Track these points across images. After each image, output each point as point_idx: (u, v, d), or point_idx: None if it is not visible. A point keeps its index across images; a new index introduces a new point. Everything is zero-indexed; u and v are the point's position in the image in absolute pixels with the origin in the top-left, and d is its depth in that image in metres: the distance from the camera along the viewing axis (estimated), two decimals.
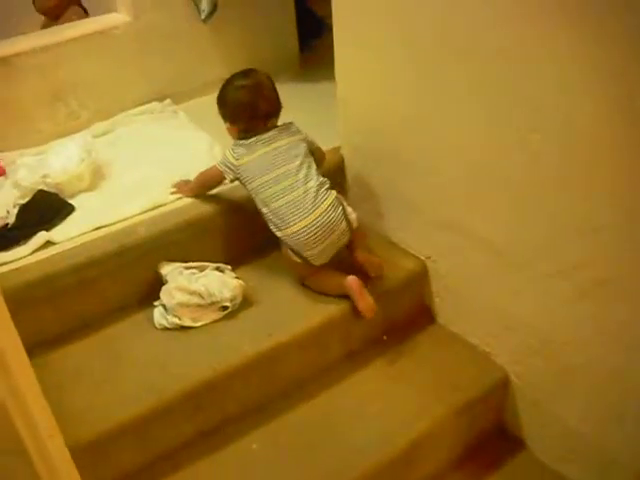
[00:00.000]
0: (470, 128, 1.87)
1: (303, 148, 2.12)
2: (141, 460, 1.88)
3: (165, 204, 2.24)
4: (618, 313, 1.70)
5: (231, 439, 1.94)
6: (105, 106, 2.74)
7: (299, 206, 2.02)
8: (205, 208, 2.21)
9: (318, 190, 2.04)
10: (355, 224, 2.10)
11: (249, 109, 2.11)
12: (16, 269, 2.03)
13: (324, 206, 2.03)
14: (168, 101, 2.83)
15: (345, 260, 2.16)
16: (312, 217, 2.01)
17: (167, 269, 2.10)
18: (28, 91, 2.59)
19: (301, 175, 2.06)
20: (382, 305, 2.19)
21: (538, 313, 1.91)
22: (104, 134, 2.68)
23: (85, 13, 3.47)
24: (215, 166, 2.14)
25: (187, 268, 2.10)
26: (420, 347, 2.21)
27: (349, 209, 2.10)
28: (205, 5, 2.71)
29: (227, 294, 2.03)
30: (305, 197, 2.02)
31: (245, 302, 2.09)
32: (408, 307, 2.30)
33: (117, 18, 2.76)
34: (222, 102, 2.16)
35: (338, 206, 2.05)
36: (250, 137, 2.10)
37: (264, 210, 2.06)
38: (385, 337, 2.22)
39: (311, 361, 2.11)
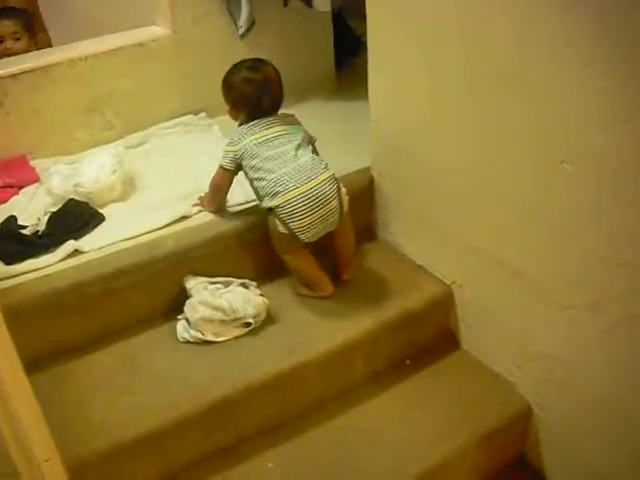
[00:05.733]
0: (501, 158, 1.85)
1: (302, 135, 2.15)
2: (156, 473, 1.88)
3: (190, 216, 2.25)
4: None
5: (247, 457, 1.94)
6: (140, 117, 2.76)
7: (295, 176, 2.03)
8: (233, 224, 2.22)
9: (314, 164, 2.07)
10: (346, 207, 2.10)
11: (253, 102, 2.15)
12: (44, 276, 2.05)
13: (320, 178, 2.04)
14: (203, 114, 2.84)
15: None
16: (307, 186, 2.02)
17: (192, 283, 2.11)
18: (65, 100, 2.62)
19: (299, 152, 2.09)
20: (406, 328, 2.18)
21: (565, 345, 1.88)
22: (137, 145, 2.70)
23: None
24: (219, 166, 2.17)
25: (212, 283, 2.11)
26: (443, 373, 2.18)
27: (344, 190, 2.10)
28: (243, 21, 2.72)
29: (250, 311, 2.03)
30: (302, 168, 2.04)
31: (268, 319, 2.09)
32: (433, 331, 2.28)
33: (156, 31, 2.79)
34: (227, 87, 2.20)
35: (334, 183, 2.06)
36: (250, 121, 2.15)
37: (262, 184, 2.06)
38: (408, 361, 2.21)
39: (332, 381, 2.10)
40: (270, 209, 2.05)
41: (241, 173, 2.16)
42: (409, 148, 2.20)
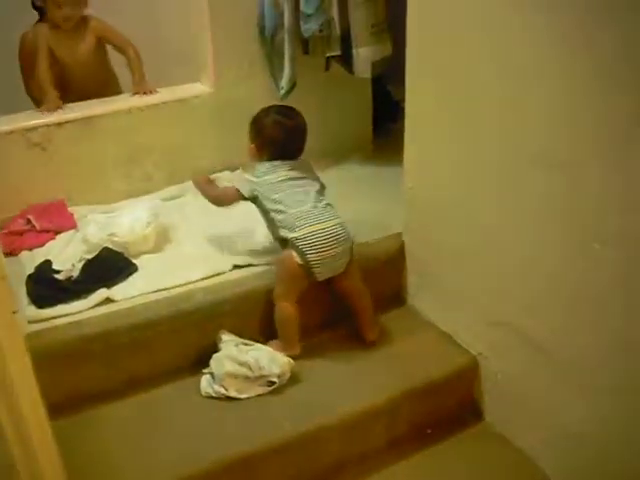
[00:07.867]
0: (533, 232, 1.86)
1: (319, 183, 2.27)
2: None
3: (225, 273, 2.28)
4: None
5: None
6: (178, 171, 2.82)
7: (314, 214, 2.14)
8: (263, 282, 2.24)
9: (331, 209, 2.19)
10: (353, 255, 2.19)
11: (280, 146, 2.24)
12: (74, 322, 2.08)
13: (335, 221, 2.15)
14: (239, 171, 2.88)
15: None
16: (325, 225, 2.13)
17: (226, 337, 2.13)
18: (106, 150, 2.70)
19: (319, 197, 2.21)
20: (429, 397, 2.17)
21: (591, 424, 1.84)
22: (174, 198, 2.76)
23: None
24: (233, 187, 2.26)
25: (244, 343, 2.13)
26: (464, 445, 2.15)
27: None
28: (284, 83, 2.78)
29: (275, 370, 2.04)
30: (321, 209, 2.16)
31: (292, 379, 2.08)
32: (456, 402, 2.26)
33: (199, 88, 2.88)
34: (257, 129, 2.29)
35: (346, 229, 2.16)
36: (273, 160, 2.24)
37: (280, 217, 2.15)
38: (429, 430, 2.18)
39: (351, 446, 2.08)
40: (287, 240, 2.13)
41: None
42: (441, 218, 2.22)
